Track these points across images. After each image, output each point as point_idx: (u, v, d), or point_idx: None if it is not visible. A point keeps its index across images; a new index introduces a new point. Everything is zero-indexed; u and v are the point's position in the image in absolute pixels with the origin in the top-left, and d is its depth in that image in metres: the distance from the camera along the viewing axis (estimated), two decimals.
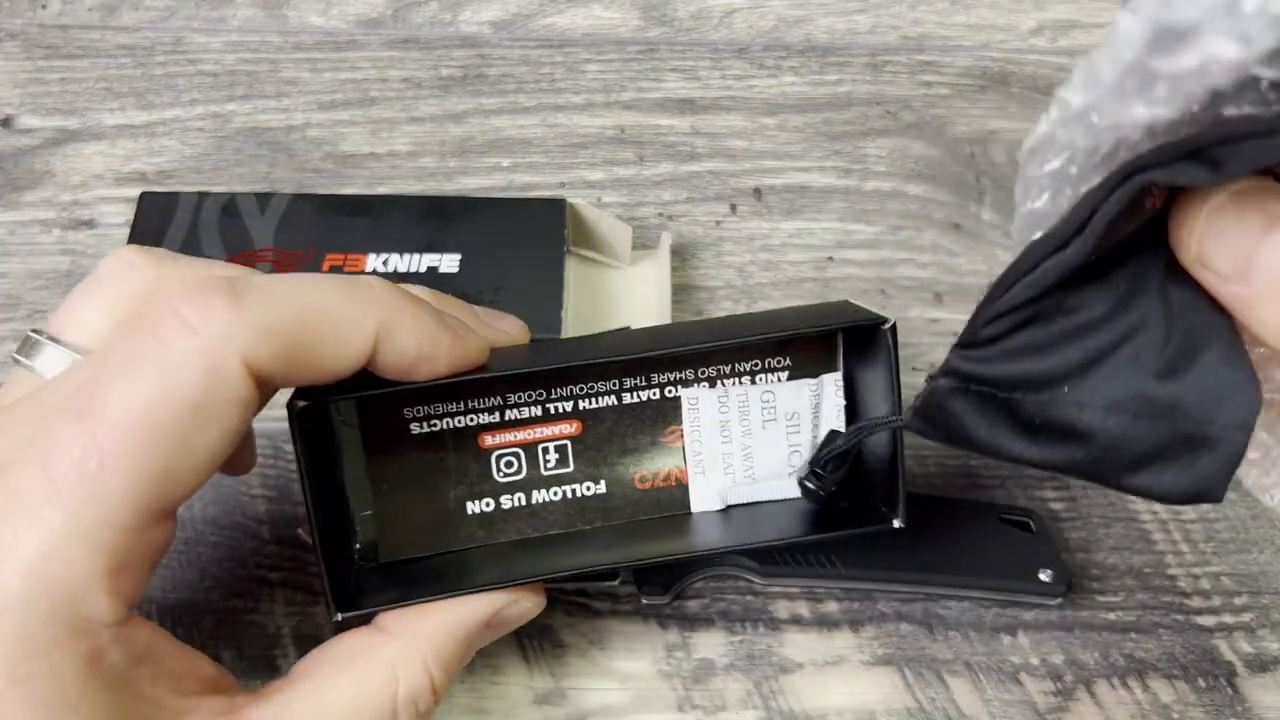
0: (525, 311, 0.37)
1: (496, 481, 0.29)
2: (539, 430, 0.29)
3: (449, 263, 0.38)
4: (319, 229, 0.39)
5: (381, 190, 0.44)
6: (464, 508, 0.28)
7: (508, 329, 0.29)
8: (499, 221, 0.39)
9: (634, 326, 0.39)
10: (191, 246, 0.38)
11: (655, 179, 0.45)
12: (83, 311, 0.26)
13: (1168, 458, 0.21)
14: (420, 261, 0.38)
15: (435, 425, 0.28)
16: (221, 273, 0.27)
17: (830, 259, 0.43)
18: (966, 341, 0.22)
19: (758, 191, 0.45)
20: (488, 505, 0.29)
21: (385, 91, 0.47)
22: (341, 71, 0.47)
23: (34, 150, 0.44)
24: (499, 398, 0.29)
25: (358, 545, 0.28)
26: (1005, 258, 0.43)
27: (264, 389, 0.23)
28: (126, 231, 0.39)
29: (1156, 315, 0.21)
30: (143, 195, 0.39)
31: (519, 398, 0.29)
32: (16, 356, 0.26)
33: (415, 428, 0.28)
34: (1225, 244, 0.19)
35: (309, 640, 0.34)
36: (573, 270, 0.40)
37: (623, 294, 0.40)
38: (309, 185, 0.44)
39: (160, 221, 0.39)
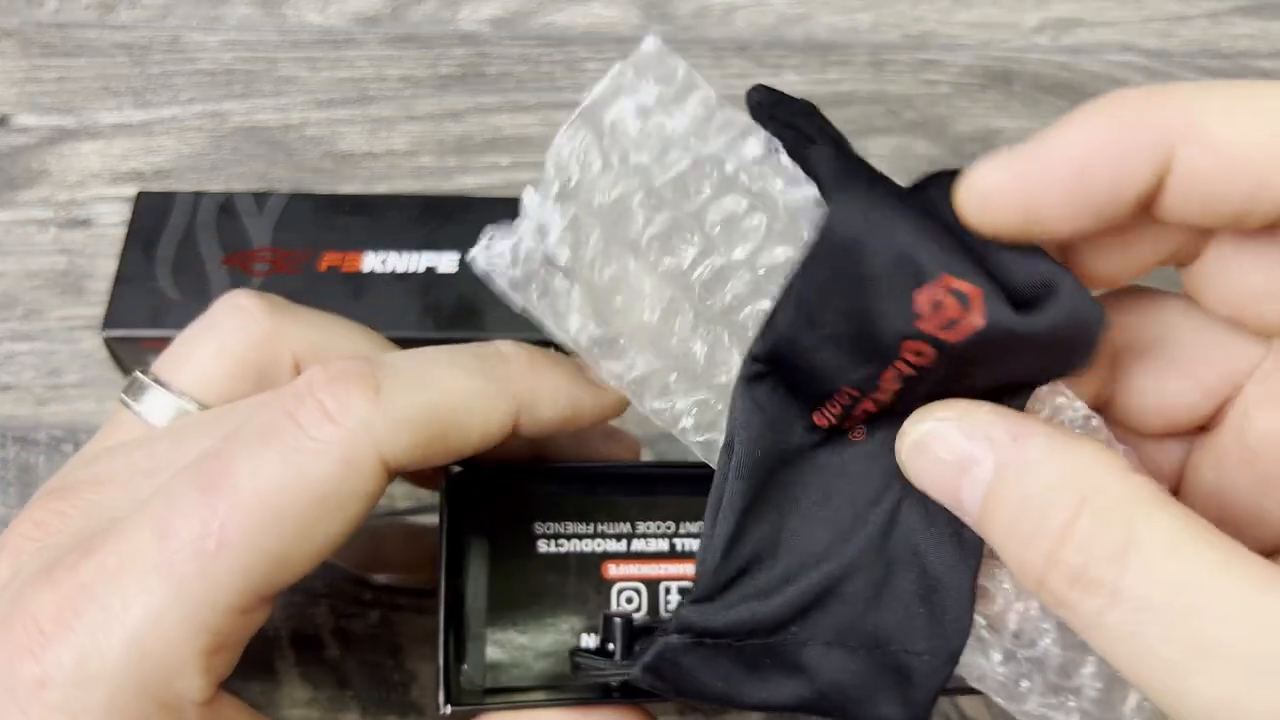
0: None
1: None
2: (664, 567, 0.27)
3: (448, 262, 0.38)
4: (317, 228, 0.38)
5: (380, 189, 0.43)
6: (579, 640, 0.27)
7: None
8: (498, 221, 0.39)
9: None
10: (188, 246, 0.38)
11: None
12: (193, 356, 0.26)
13: (882, 689, 0.21)
14: (419, 261, 0.38)
15: (562, 546, 0.27)
16: (348, 339, 0.26)
17: None
18: (698, 597, 0.22)
19: None
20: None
21: (383, 90, 0.46)
22: (339, 70, 0.47)
23: (30, 149, 0.44)
24: (628, 524, 0.27)
25: (465, 662, 0.27)
26: None
27: (397, 474, 0.23)
28: (123, 231, 0.38)
29: (874, 543, 0.21)
30: (139, 194, 0.39)
31: (648, 527, 0.28)
32: (123, 398, 0.25)
33: (543, 545, 0.27)
34: (941, 474, 0.20)
35: (307, 641, 0.34)
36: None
37: None
38: (307, 184, 0.43)
39: (157, 221, 0.38)
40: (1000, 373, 0.20)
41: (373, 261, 0.38)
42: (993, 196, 0.19)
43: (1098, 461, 0.18)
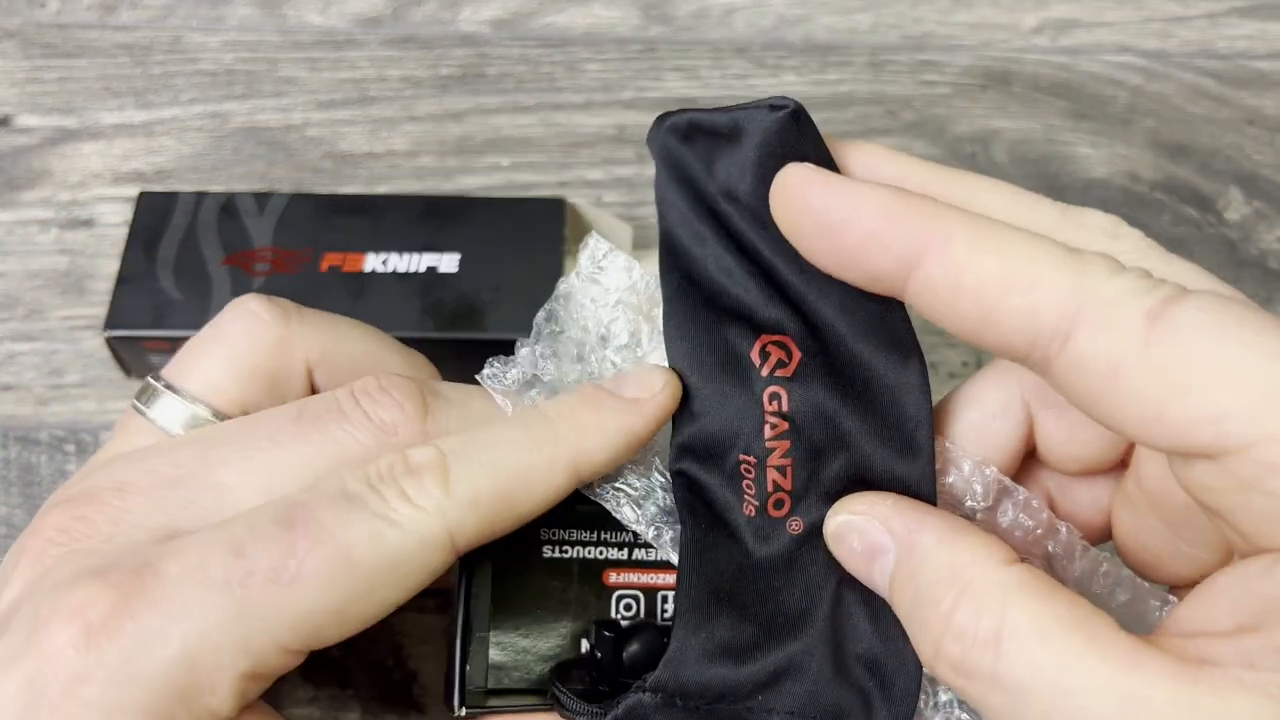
0: (525, 312, 0.37)
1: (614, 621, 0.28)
2: (662, 576, 0.28)
3: (448, 262, 0.38)
4: (318, 228, 0.39)
5: (380, 189, 0.44)
6: (578, 645, 0.27)
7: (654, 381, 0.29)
8: (498, 221, 0.39)
9: None
10: (190, 246, 0.38)
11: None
12: (203, 362, 0.26)
13: None
14: (419, 261, 0.38)
15: (566, 552, 0.28)
16: (359, 342, 0.27)
17: None
18: (672, 658, 0.24)
19: None
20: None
21: (384, 90, 0.46)
22: (340, 70, 0.47)
23: (32, 149, 0.44)
24: (630, 534, 0.28)
25: (469, 664, 0.27)
26: None
27: (460, 555, 0.24)
28: (124, 231, 0.39)
29: (825, 622, 0.23)
30: (141, 195, 0.39)
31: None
32: (136, 404, 0.26)
33: (547, 550, 0.28)
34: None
35: None
36: (572, 270, 0.39)
37: None
38: (308, 184, 0.44)
39: (158, 221, 0.39)
40: (865, 414, 0.23)
41: (374, 262, 0.38)
42: (802, 211, 0.22)
43: (977, 555, 0.20)
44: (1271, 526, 0.18)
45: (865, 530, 0.22)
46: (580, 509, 0.27)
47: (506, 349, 0.30)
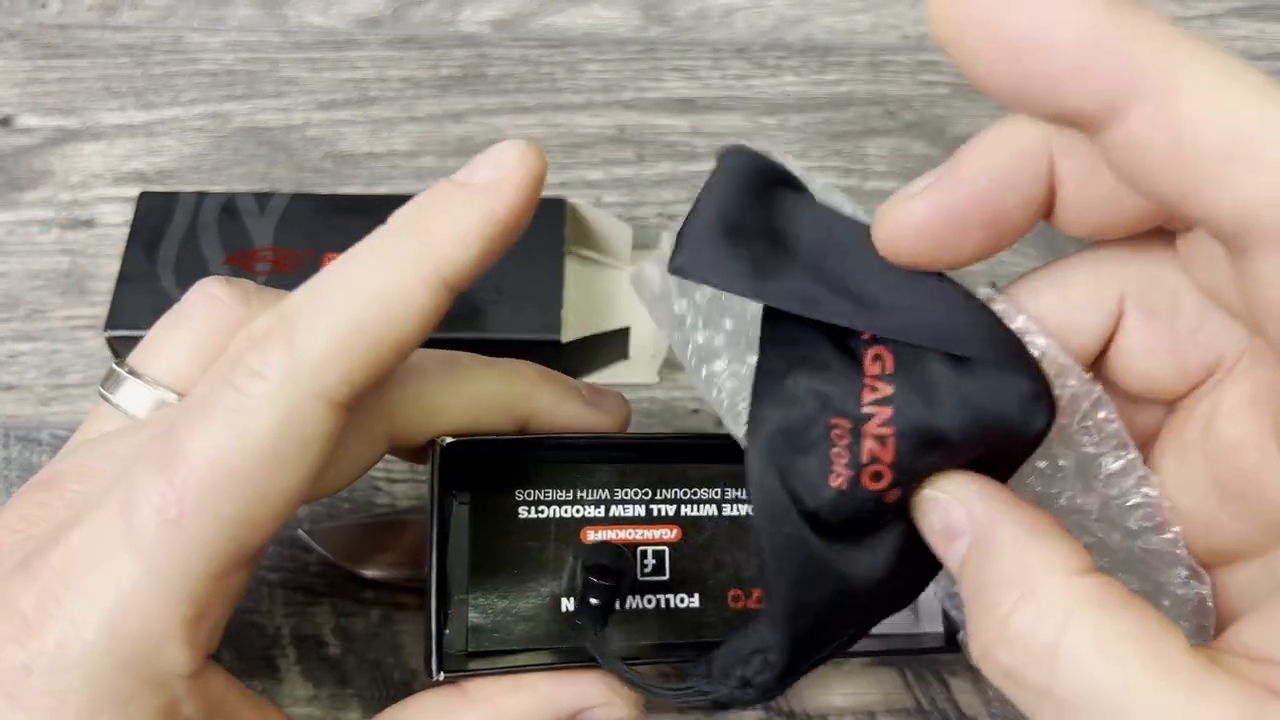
0: (525, 311, 0.37)
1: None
2: (640, 531, 0.28)
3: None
4: (318, 228, 0.39)
5: (381, 190, 0.44)
6: (558, 604, 0.27)
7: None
8: None
9: (634, 327, 0.39)
10: (190, 246, 0.38)
11: (655, 179, 0.45)
12: (166, 346, 0.26)
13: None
14: None
15: (542, 512, 0.28)
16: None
17: None
18: (780, 674, 0.22)
19: None
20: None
21: (385, 91, 0.46)
22: (341, 71, 0.47)
23: (33, 150, 0.44)
24: (606, 491, 0.28)
25: (447, 628, 0.27)
26: (1005, 257, 0.43)
27: (350, 404, 0.22)
28: (125, 231, 0.39)
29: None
30: (142, 195, 0.39)
31: (626, 494, 0.28)
32: (101, 391, 0.26)
33: (523, 511, 0.28)
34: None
35: (308, 641, 0.34)
36: (573, 270, 0.39)
37: (623, 294, 0.40)
38: (308, 185, 0.44)
39: (159, 221, 0.39)
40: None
41: None
42: (910, 234, 0.20)
43: (1049, 561, 0.19)
44: None
45: (947, 509, 0.21)
46: (554, 467, 0.26)
47: (507, 349, 0.30)
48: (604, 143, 0.45)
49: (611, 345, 0.39)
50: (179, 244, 0.38)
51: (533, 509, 0.28)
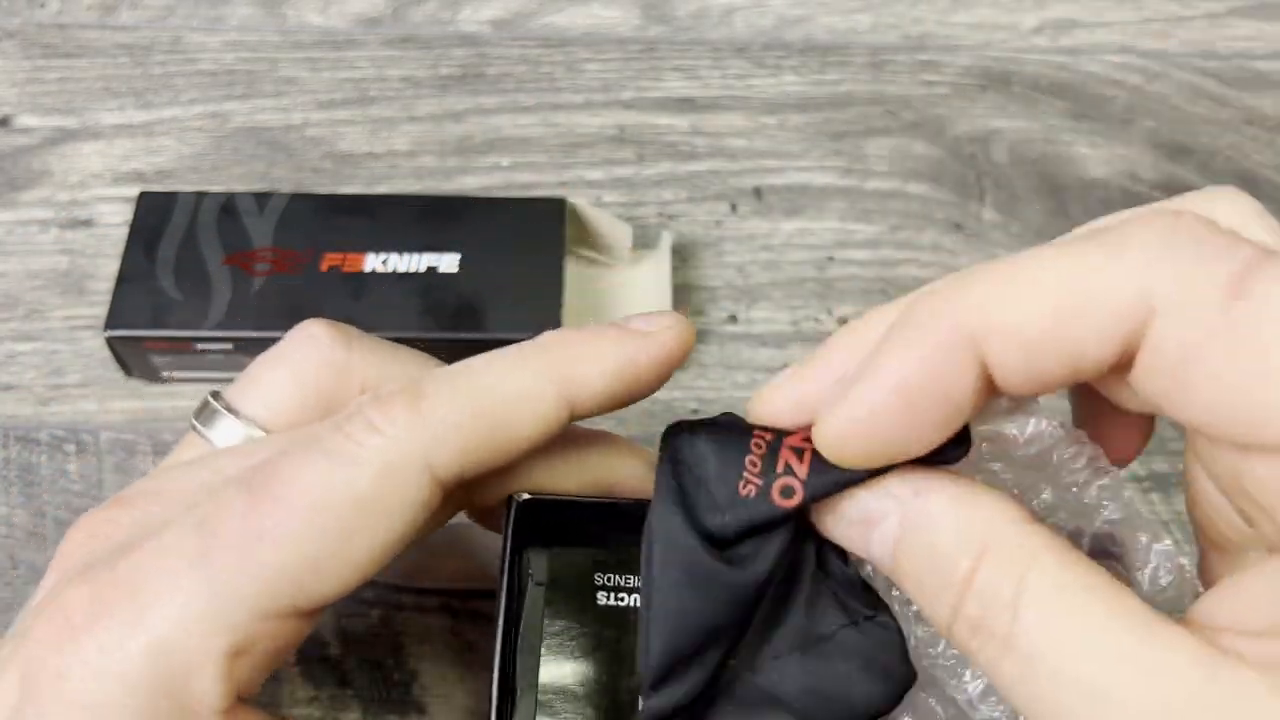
0: (525, 311, 0.37)
1: None
2: None
3: (448, 262, 0.38)
4: (318, 228, 0.39)
5: (380, 189, 0.44)
6: (637, 703, 0.25)
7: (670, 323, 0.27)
8: (499, 221, 0.39)
9: None
10: (190, 246, 0.38)
11: (655, 178, 0.45)
12: (263, 384, 0.25)
13: (854, 672, 0.21)
14: (420, 261, 0.38)
15: (623, 600, 0.26)
16: (417, 367, 0.26)
17: (830, 259, 0.43)
18: (654, 683, 0.21)
19: (758, 191, 0.44)
20: None
21: (384, 90, 0.46)
22: (340, 70, 0.47)
23: (32, 149, 0.44)
24: None
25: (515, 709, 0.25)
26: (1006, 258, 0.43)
27: (451, 487, 0.22)
28: (125, 231, 0.39)
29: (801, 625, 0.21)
30: (141, 195, 0.39)
31: None
32: (194, 423, 0.25)
33: (602, 597, 0.26)
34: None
35: (308, 641, 0.34)
36: (572, 270, 0.39)
37: (623, 294, 0.40)
38: (308, 184, 0.44)
39: (158, 221, 0.39)
40: None
41: (374, 262, 0.38)
42: (842, 441, 0.19)
43: (997, 512, 0.19)
44: None
45: (862, 496, 0.20)
46: (635, 548, 0.24)
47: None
48: (604, 142, 0.45)
49: None
50: (178, 244, 0.38)
51: (612, 595, 0.26)
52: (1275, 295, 0.16)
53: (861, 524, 0.20)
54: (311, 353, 0.25)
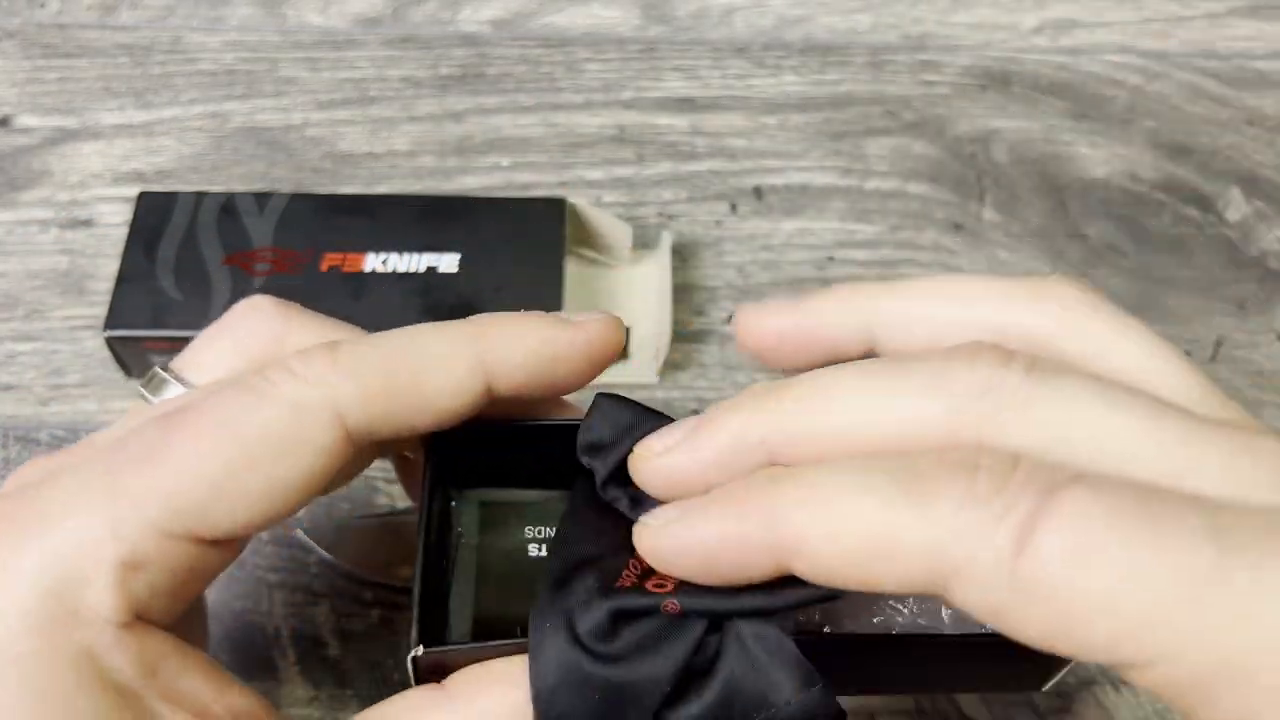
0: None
1: None
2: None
3: (448, 262, 0.38)
4: (318, 228, 0.39)
5: (380, 189, 0.44)
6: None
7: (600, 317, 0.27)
8: (498, 221, 0.39)
9: (634, 327, 0.39)
10: (190, 246, 0.38)
11: (655, 178, 0.45)
12: (206, 353, 0.26)
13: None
14: (419, 261, 0.38)
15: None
16: (337, 332, 0.27)
17: (831, 259, 0.43)
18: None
19: (758, 191, 0.44)
20: None
21: (384, 90, 0.46)
22: (340, 70, 0.47)
23: (32, 149, 0.44)
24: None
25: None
26: (1005, 257, 0.43)
27: (361, 439, 0.23)
28: (124, 231, 0.39)
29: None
30: (141, 195, 0.39)
31: None
32: (141, 391, 0.26)
33: (534, 549, 0.26)
34: None
35: (307, 641, 0.34)
36: (572, 270, 0.39)
37: (623, 294, 0.40)
38: (308, 184, 0.44)
39: (158, 221, 0.39)
40: None
41: (374, 262, 0.38)
42: (661, 560, 0.21)
43: None
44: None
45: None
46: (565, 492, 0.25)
47: None
48: (604, 142, 0.45)
49: None
50: (178, 244, 0.38)
51: (544, 546, 0.26)
52: (1050, 546, 0.17)
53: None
54: (255, 323, 0.26)
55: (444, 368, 0.23)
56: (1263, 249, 0.44)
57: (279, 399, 0.22)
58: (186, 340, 0.36)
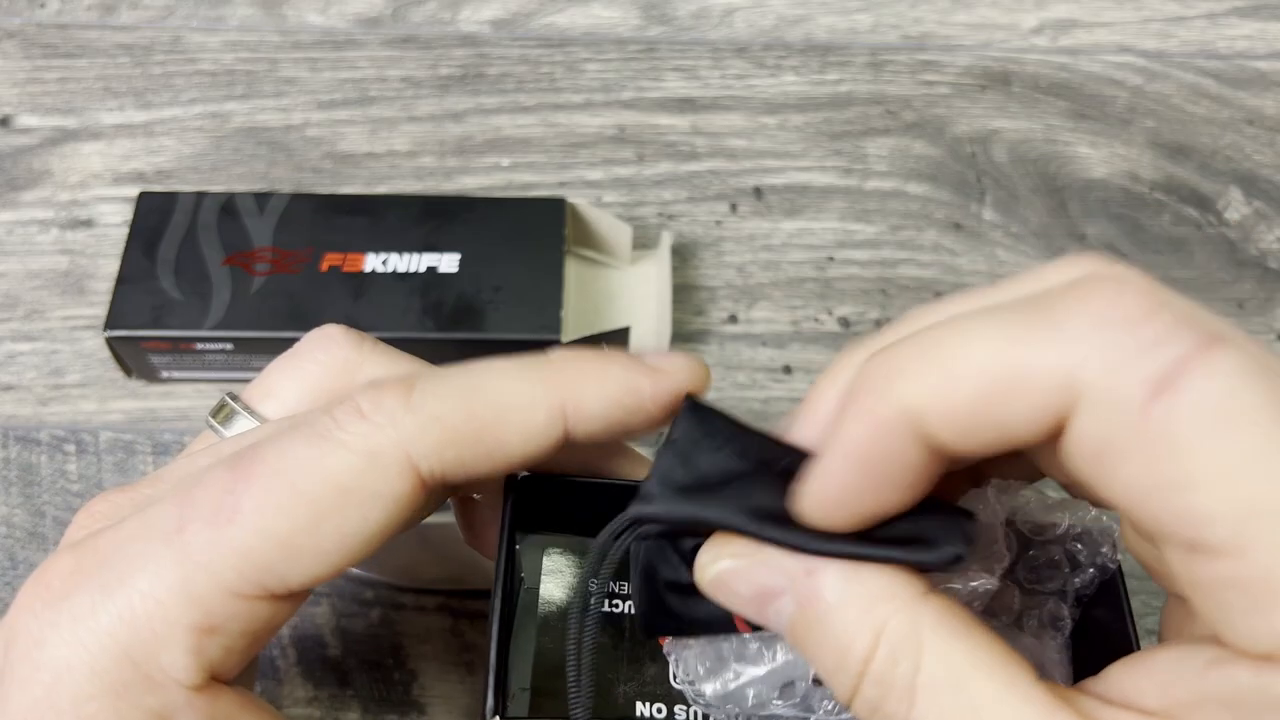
0: (525, 311, 0.37)
1: (672, 686, 0.24)
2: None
3: (448, 262, 0.38)
4: (318, 228, 0.39)
5: (381, 189, 0.44)
6: (633, 707, 0.25)
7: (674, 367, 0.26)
8: (499, 221, 0.39)
9: (634, 327, 0.39)
10: (190, 246, 0.38)
11: (655, 179, 0.45)
12: (278, 384, 0.26)
13: None
14: (419, 261, 0.38)
15: (619, 606, 0.26)
16: (408, 366, 0.26)
17: (831, 259, 0.43)
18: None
19: (758, 191, 0.44)
20: (659, 711, 0.25)
21: (384, 90, 0.46)
22: (340, 70, 0.47)
23: (32, 150, 0.44)
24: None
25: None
26: (1005, 257, 0.43)
27: (435, 485, 0.22)
28: (124, 231, 0.39)
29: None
30: (141, 195, 0.39)
31: None
32: (210, 421, 0.26)
33: (596, 602, 0.24)
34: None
35: (308, 641, 0.34)
36: (573, 270, 0.39)
37: (623, 294, 0.40)
38: (308, 184, 0.44)
39: (159, 221, 0.39)
40: None
41: (374, 262, 0.38)
42: (821, 511, 0.19)
43: (886, 589, 0.19)
44: (1235, 627, 0.17)
45: (752, 575, 0.20)
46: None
47: (506, 349, 0.29)
48: (604, 142, 0.45)
49: (612, 345, 0.39)
50: (178, 244, 0.38)
51: (608, 601, 0.25)
52: (1197, 396, 0.16)
53: (754, 600, 0.20)
54: (325, 352, 0.26)
55: (523, 413, 0.22)
56: (1263, 249, 0.44)
57: (349, 447, 0.21)
58: (186, 340, 0.37)
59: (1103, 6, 0.50)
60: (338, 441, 0.21)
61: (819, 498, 0.19)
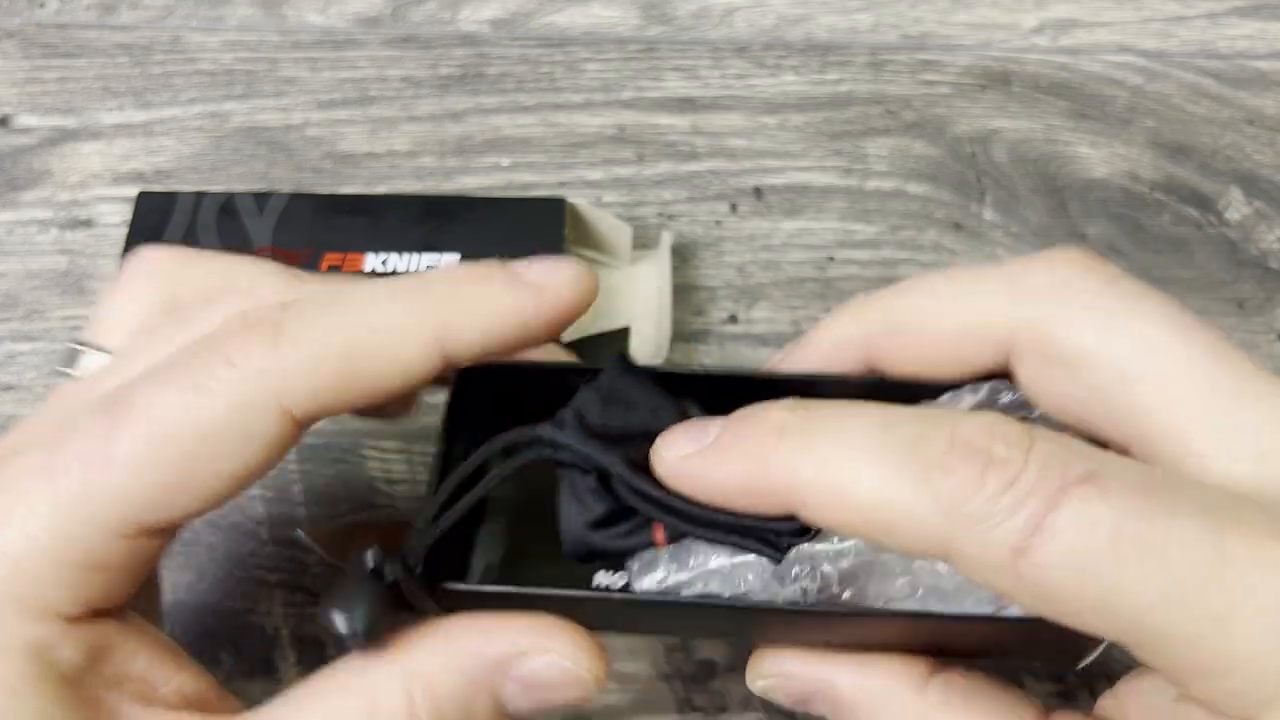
0: None
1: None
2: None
3: (448, 262, 0.38)
4: (317, 228, 0.39)
5: (380, 189, 0.44)
6: (589, 579, 0.24)
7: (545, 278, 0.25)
8: (498, 221, 0.39)
9: (634, 327, 0.39)
10: (190, 246, 0.38)
11: (655, 178, 0.45)
12: (112, 315, 0.26)
13: None
14: (419, 261, 0.38)
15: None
16: (256, 272, 0.26)
17: (831, 259, 0.43)
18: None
19: (758, 191, 0.44)
20: (621, 579, 0.25)
21: (384, 90, 0.46)
22: (340, 70, 0.47)
23: (31, 149, 0.44)
24: None
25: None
26: (1006, 257, 0.43)
27: (308, 421, 0.22)
28: (124, 231, 0.39)
29: None
30: (140, 195, 0.39)
31: None
32: (59, 369, 0.26)
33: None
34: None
35: (308, 641, 0.34)
36: None
37: (623, 294, 0.40)
38: (307, 184, 0.44)
39: (158, 221, 0.39)
40: None
41: (374, 262, 0.38)
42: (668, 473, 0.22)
43: (889, 682, 0.22)
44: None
45: (787, 688, 0.24)
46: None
47: None
48: (604, 142, 0.45)
49: (611, 345, 0.39)
50: (178, 244, 0.38)
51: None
52: (1054, 553, 0.18)
53: (801, 702, 0.24)
54: (147, 273, 0.26)
55: (395, 347, 0.22)
56: (1263, 249, 0.44)
57: (218, 394, 0.21)
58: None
59: (1103, 6, 0.50)
60: (205, 389, 0.22)
61: (680, 474, 0.22)
